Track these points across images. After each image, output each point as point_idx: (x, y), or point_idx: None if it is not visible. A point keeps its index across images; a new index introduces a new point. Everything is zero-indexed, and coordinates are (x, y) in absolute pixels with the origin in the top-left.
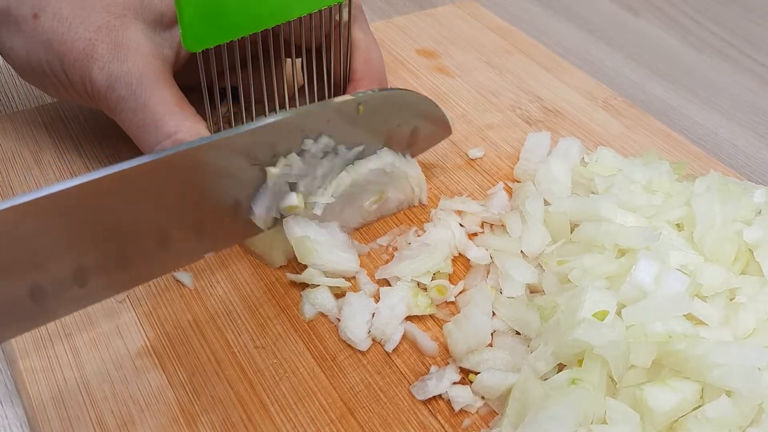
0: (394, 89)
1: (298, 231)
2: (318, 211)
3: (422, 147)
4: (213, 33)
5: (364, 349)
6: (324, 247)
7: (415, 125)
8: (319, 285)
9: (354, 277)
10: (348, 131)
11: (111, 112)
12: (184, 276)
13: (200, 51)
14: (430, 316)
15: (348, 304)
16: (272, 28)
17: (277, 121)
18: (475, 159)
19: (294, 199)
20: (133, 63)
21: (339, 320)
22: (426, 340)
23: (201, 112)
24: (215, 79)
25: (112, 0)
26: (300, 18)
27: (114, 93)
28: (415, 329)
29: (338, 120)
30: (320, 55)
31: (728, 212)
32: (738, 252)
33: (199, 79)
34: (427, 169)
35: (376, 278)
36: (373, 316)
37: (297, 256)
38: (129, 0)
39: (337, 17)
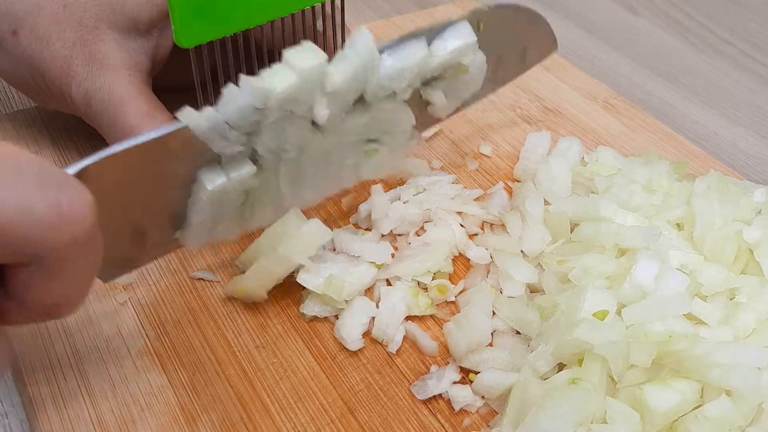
0: (505, 4)
1: (313, 280)
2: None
3: (528, 66)
4: (205, 28)
5: (355, 349)
6: (344, 273)
7: (525, 44)
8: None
9: None
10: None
11: (93, 126)
12: (204, 273)
13: (192, 47)
14: (430, 315)
15: (349, 304)
16: (264, 24)
17: None
18: (475, 159)
19: None
20: (105, 78)
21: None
22: (426, 340)
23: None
24: (208, 76)
25: (85, 12)
26: (293, 15)
27: (90, 109)
28: (415, 329)
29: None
30: None
31: (728, 212)
32: (738, 252)
33: (185, 78)
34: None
35: (376, 278)
36: (372, 319)
37: (334, 296)
38: (101, 11)
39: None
